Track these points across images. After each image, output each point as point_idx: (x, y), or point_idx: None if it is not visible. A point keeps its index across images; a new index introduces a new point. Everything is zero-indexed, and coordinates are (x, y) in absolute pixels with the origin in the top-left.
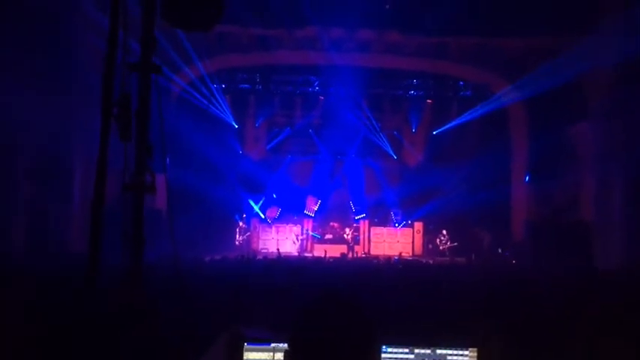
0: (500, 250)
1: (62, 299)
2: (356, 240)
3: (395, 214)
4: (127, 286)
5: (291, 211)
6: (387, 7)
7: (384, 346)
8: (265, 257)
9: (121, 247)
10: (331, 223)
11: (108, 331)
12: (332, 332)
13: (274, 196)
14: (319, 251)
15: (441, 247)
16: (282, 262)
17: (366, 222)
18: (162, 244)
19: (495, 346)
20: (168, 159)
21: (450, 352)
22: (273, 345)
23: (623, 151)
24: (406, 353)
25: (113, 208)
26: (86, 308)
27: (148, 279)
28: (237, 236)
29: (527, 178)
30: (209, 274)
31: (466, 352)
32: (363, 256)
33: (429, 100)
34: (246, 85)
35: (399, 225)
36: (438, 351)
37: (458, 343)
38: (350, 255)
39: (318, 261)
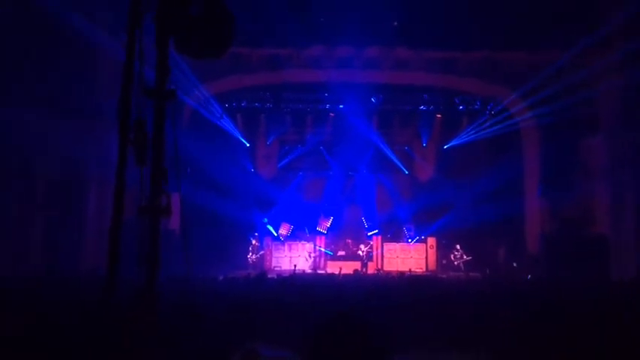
0: (515, 264)
1: (80, 318)
2: (369, 256)
3: (407, 230)
4: (142, 308)
5: (304, 229)
6: (395, 24)
7: None
8: (278, 275)
9: (136, 269)
10: (344, 240)
11: (122, 351)
12: (343, 354)
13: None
14: (332, 268)
15: (455, 262)
16: (295, 279)
17: (379, 238)
18: (175, 263)
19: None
20: (181, 179)
21: None
22: None
23: (636, 163)
24: None
25: (128, 230)
26: (102, 328)
27: (162, 299)
28: (250, 254)
29: (539, 191)
30: (222, 292)
31: None
32: (376, 272)
33: (438, 115)
34: (256, 104)
35: (412, 240)
36: None
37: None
38: (363, 271)
39: (331, 278)
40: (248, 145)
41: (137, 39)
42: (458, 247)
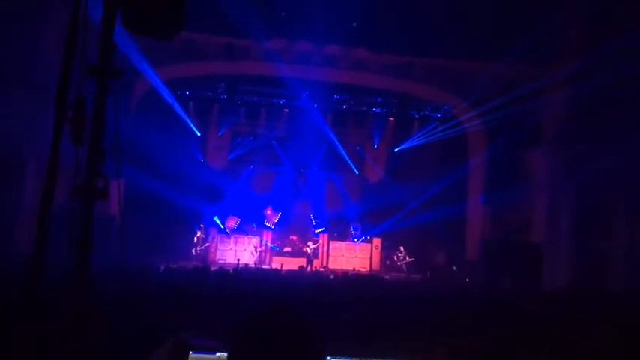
0: (454, 268)
1: (3, 302)
2: (315, 253)
3: (354, 229)
4: (72, 293)
5: (251, 223)
6: (355, 24)
7: (328, 357)
8: (221, 268)
9: (67, 253)
10: (291, 236)
11: (49, 339)
12: (274, 344)
13: (232, 201)
14: (278, 263)
15: (398, 263)
16: (237, 273)
17: (326, 236)
18: (114, 251)
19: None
20: (124, 165)
21: None
22: (218, 354)
23: (575, 176)
24: None
25: (64, 211)
26: (28, 314)
27: (95, 286)
28: (195, 246)
29: (483, 198)
30: (161, 282)
31: None
32: (322, 270)
33: (391, 118)
34: (210, 93)
35: (358, 240)
36: None
37: (401, 354)
38: (308, 268)
39: (274, 273)
40: (199, 134)
41: (82, 10)
42: (402, 248)
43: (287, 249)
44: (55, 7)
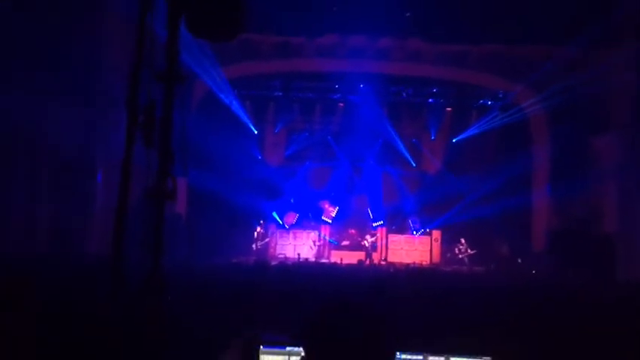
0: (519, 260)
1: (86, 302)
2: (374, 247)
3: (413, 222)
4: (147, 293)
5: (309, 217)
6: (408, 14)
7: (398, 353)
8: (281, 262)
9: (141, 253)
10: (349, 230)
11: (129, 336)
12: (346, 338)
13: (292, 200)
14: (336, 257)
15: (459, 256)
16: (298, 266)
17: (384, 229)
18: (180, 247)
19: (510, 356)
20: (189, 164)
21: (464, 359)
22: (288, 349)
23: None
24: None
25: (135, 213)
26: (110, 313)
27: (166, 284)
28: (256, 241)
29: (548, 187)
30: (226, 278)
31: None
32: (382, 263)
33: (448, 108)
34: (266, 92)
35: (416, 233)
36: (452, 358)
37: (472, 350)
38: (367, 262)
39: (334, 267)
40: (256, 132)
41: (148, 20)
42: (462, 240)
43: (345, 243)
44: (115, 15)
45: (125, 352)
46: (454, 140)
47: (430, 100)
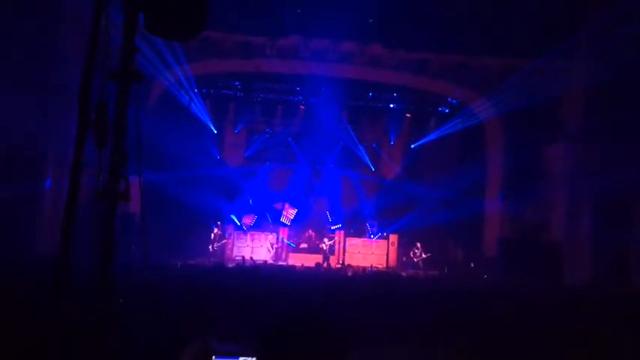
0: (472, 265)
1: (32, 302)
2: (332, 250)
3: (371, 226)
4: (96, 292)
5: (268, 219)
6: (371, 20)
7: None
8: (238, 265)
9: (90, 255)
10: (307, 233)
11: (76, 337)
12: (300, 350)
13: (250, 201)
14: (294, 260)
15: (415, 260)
16: (255, 270)
17: (342, 232)
18: (134, 247)
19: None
20: (144, 163)
21: None
22: (241, 359)
23: (595, 172)
24: None
25: (85, 212)
26: (55, 313)
27: (117, 284)
28: (212, 243)
29: (501, 195)
30: (179, 280)
31: None
32: (339, 266)
33: (407, 115)
34: (227, 91)
35: (374, 236)
36: None
37: (424, 357)
38: (325, 265)
39: (291, 270)
40: (216, 132)
41: (104, 16)
42: (418, 245)
43: (303, 245)
44: (73, 7)
45: (71, 351)
46: (412, 146)
47: (391, 105)
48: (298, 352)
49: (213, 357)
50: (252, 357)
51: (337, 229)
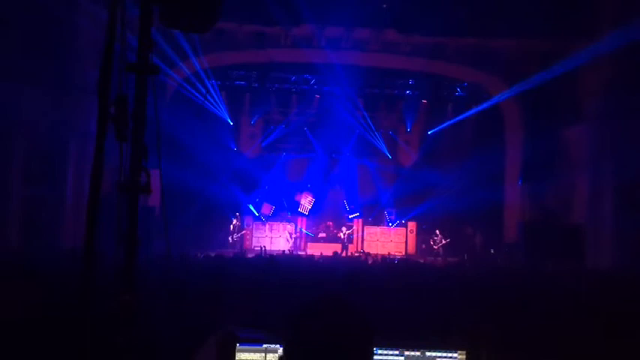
0: (492, 251)
1: (58, 295)
2: (350, 239)
3: (389, 214)
4: (121, 286)
5: (286, 209)
6: (385, 6)
7: (375, 348)
8: (257, 255)
9: (114, 246)
10: (325, 222)
11: (102, 329)
12: (328, 335)
13: (266, 187)
14: (313, 249)
15: (434, 247)
16: (276, 259)
17: (360, 221)
18: (155, 240)
19: (484, 349)
20: (162, 157)
21: (439, 354)
22: (265, 346)
23: (616, 154)
24: (396, 355)
25: (107, 206)
26: (82, 306)
27: (141, 277)
28: (232, 234)
29: (520, 179)
30: (202, 270)
31: (455, 355)
32: (359, 254)
33: (424, 100)
34: (242, 82)
35: (392, 224)
36: (428, 353)
37: (447, 345)
38: (344, 254)
39: (310, 259)
40: (232, 123)
41: (120, 10)
42: (437, 232)
43: (322, 235)
44: (87, 6)
45: (93, 351)
46: (429, 132)
47: (406, 92)
48: (324, 337)
49: (238, 344)
50: (276, 344)
51: (355, 217)
